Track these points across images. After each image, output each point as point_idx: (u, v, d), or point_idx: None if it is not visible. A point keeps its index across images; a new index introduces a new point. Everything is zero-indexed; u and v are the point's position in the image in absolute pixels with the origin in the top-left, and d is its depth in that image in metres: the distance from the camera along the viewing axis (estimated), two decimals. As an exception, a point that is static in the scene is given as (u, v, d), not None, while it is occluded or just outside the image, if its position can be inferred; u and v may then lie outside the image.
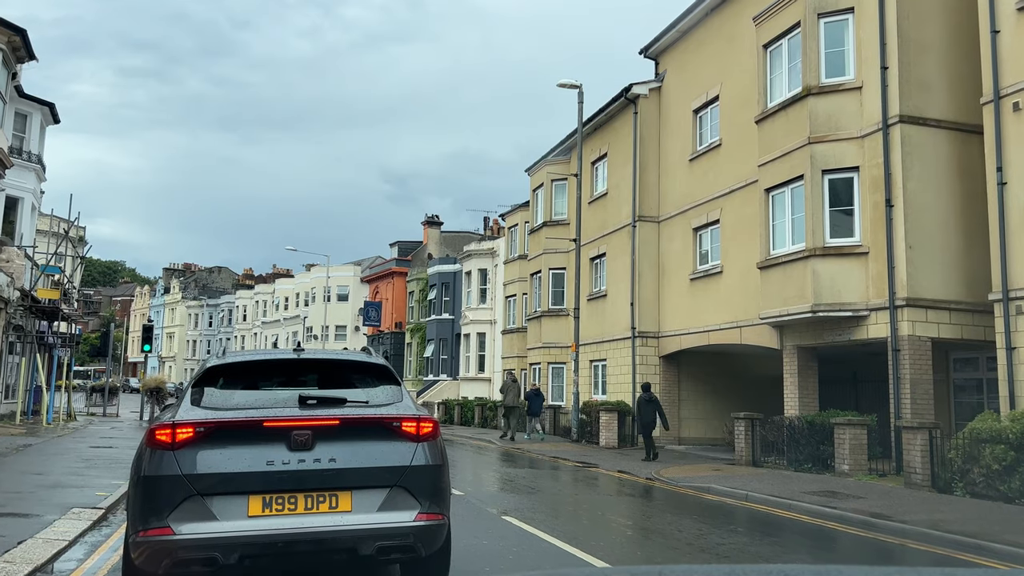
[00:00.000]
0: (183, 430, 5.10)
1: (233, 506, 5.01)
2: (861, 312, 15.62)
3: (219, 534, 4.92)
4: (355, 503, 5.18)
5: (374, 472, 5.26)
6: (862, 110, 16.04)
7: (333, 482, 5.15)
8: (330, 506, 5.13)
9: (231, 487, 5.02)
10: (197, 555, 4.89)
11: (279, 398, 5.55)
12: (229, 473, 5.03)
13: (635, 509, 11.80)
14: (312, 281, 71.50)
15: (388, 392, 5.82)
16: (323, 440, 5.21)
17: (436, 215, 55.87)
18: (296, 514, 5.07)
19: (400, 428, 5.47)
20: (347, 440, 5.29)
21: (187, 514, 4.93)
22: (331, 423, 5.28)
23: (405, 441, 5.44)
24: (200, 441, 5.10)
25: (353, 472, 5.20)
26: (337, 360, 6.23)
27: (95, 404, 40.82)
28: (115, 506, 10.23)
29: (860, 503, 11.34)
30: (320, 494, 5.13)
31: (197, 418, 5.19)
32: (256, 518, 5.02)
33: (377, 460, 5.29)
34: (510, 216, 37.13)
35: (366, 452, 5.29)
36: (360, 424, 5.41)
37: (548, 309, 29.39)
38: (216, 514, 4.97)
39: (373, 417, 5.49)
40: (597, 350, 25.79)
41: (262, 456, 5.10)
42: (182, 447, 5.07)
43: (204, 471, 5.01)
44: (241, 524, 4.98)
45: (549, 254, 29.52)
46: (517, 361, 34.89)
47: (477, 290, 41.45)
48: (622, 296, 24.50)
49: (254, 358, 6.17)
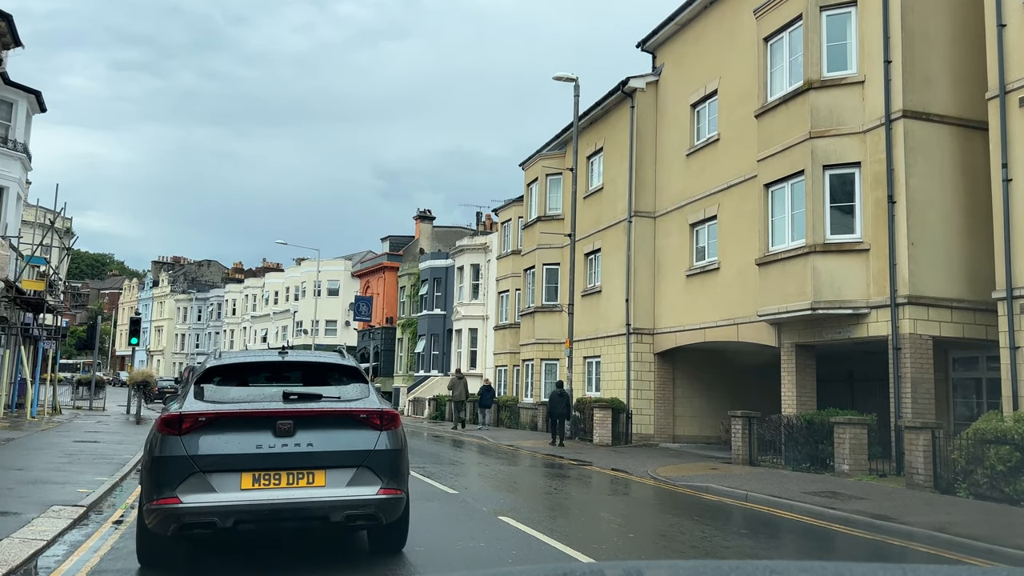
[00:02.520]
0: (188, 419, 6.15)
1: (229, 481, 6.03)
2: (861, 310, 15.40)
3: (217, 503, 5.96)
4: (328, 479, 6.23)
5: (344, 455, 6.32)
6: (864, 105, 15.79)
7: (310, 462, 6.20)
8: (308, 482, 6.19)
9: (227, 466, 6.06)
10: (199, 520, 5.93)
11: (266, 394, 6.59)
12: (225, 454, 6.08)
13: (634, 510, 11.52)
14: (302, 275, 70.95)
15: (357, 389, 6.86)
16: (302, 428, 6.26)
17: (428, 210, 55.50)
18: (280, 488, 6.12)
19: (366, 419, 6.52)
20: (322, 428, 6.35)
21: (191, 487, 5.94)
22: (309, 414, 6.36)
23: (370, 430, 6.49)
24: (202, 428, 6.15)
25: (327, 455, 6.26)
26: (315, 362, 7.33)
27: (81, 398, 40.30)
28: (98, 503, 9.88)
29: (863, 504, 11.10)
30: (300, 472, 6.19)
31: (199, 409, 6.24)
32: (247, 491, 6.06)
33: (346, 445, 6.36)
34: (503, 211, 36.80)
35: (338, 438, 6.35)
36: (333, 415, 6.47)
37: (542, 305, 29.09)
38: (215, 487, 6.00)
39: (344, 410, 6.54)
40: (591, 346, 25.51)
41: (252, 441, 6.14)
42: (187, 433, 6.11)
43: (205, 452, 6.05)
44: (235, 496, 6.02)
45: (543, 249, 29.21)
46: (509, 357, 34.61)
47: (469, 285, 41.11)
48: (617, 292, 24.23)
49: (246, 360, 7.23)
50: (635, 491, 13.33)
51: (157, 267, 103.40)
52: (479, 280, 40.83)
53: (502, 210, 37.04)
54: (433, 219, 55.36)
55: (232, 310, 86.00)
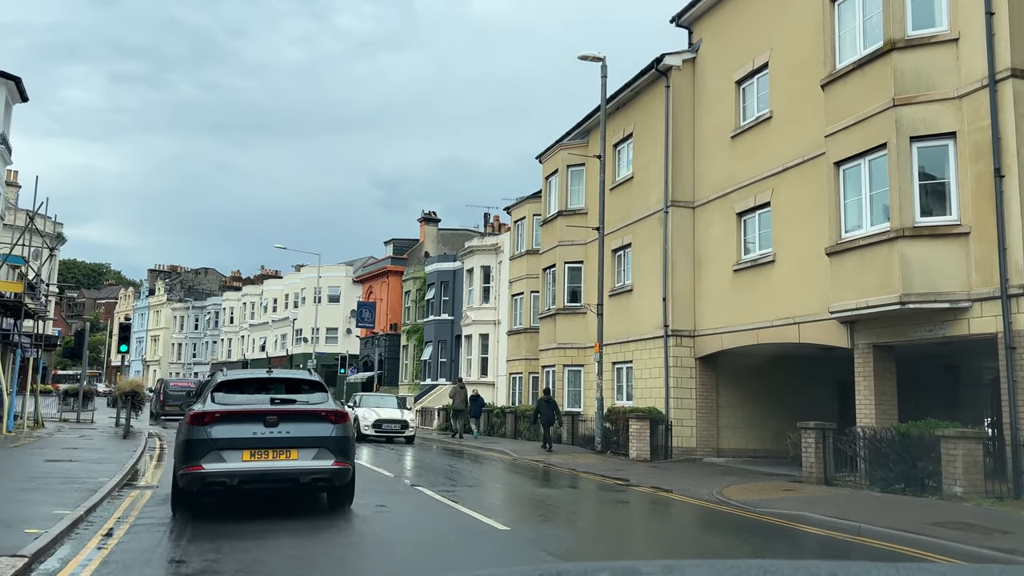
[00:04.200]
0: (208, 415, 9.34)
1: (234, 455, 9.16)
2: (961, 303, 13.16)
3: (227, 469, 9.11)
4: (300, 455, 9.36)
5: (310, 439, 9.43)
6: (959, 65, 13.60)
7: (288, 444, 9.33)
8: (286, 456, 9.31)
9: (233, 445, 9.17)
10: (216, 480, 9.13)
11: (259, 399, 9.87)
12: (232, 438, 9.21)
13: (724, 547, 9.20)
14: (302, 282, 68.59)
15: (320, 396, 10.14)
16: (283, 421, 9.38)
17: (433, 211, 53.27)
18: (268, 460, 9.26)
19: (325, 416, 9.68)
20: (296, 421, 9.48)
21: (210, 459, 9.08)
22: (287, 412, 9.51)
23: (328, 423, 9.62)
24: (217, 420, 9.29)
25: (299, 439, 9.38)
26: (291, 377, 10.70)
27: (70, 409, 37.94)
28: (48, 550, 7.57)
29: (1014, 540, 8.85)
30: (281, 450, 9.30)
31: (215, 409, 9.46)
32: (247, 462, 9.18)
33: (312, 432, 9.48)
34: (517, 209, 34.56)
35: (306, 428, 9.48)
36: (303, 413, 9.65)
37: (563, 306, 26.80)
38: (225, 459, 9.12)
39: (310, 410, 9.73)
40: (621, 351, 23.25)
41: (250, 429, 9.28)
42: (207, 424, 9.26)
43: (219, 436, 9.18)
44: (239, 464, 9.16)
45: (564, 247, 26.94)
46: (525, 363, 32.34)
47: (480, 289, 38.84)
48: (650, 290, 21.98)
49: (244, 376, 10.89)
50: (709, 520, 11.04)
51: (153, 275, 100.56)
52: (490, 283, 38.56)
53: (515, 207, 34.81)
54: (438, 221, 53.15)
55: (230, 318, 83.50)
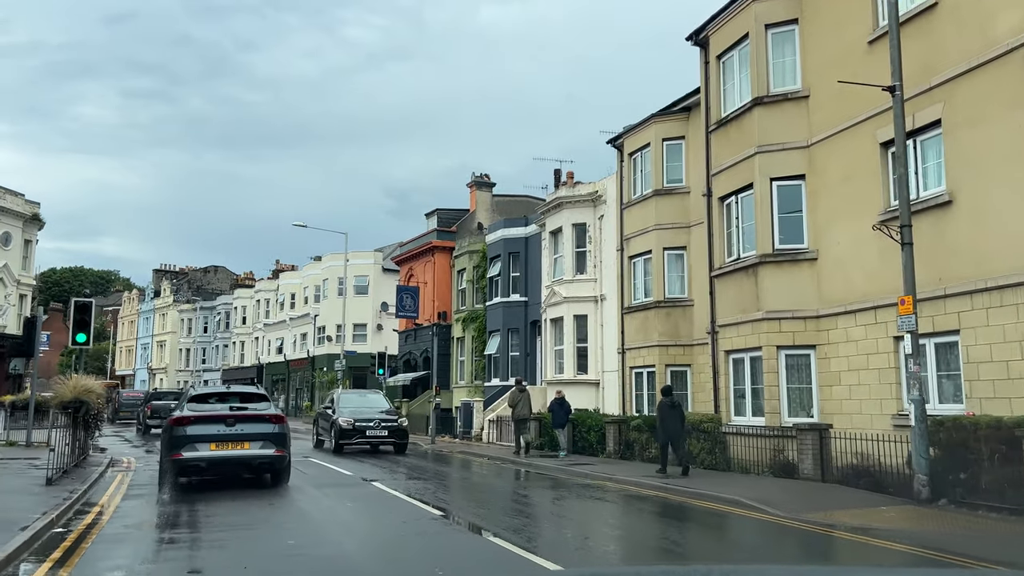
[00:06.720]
0: (186, 419, 14.10)
1: (204, 446, 13.83)
2: None
3: (200, 456, 13.82)
4: (251, 446, 14.09)
5: (258, 435, 14.20)
6: None
7: (242, 438, 14.07)
8: (242, 447, 14.04)
9: (203, 439, 13.89)
10: (192, 464, 13.94)
11: (221, 407, 14.72)
12: (203, 434, 13.91)
13: None
14: (323, 272, 58.60)
15: (265, 404, 15.21)
16: (239, 422, 14.14)
17: (486, 175, 43.07)
18: (228, 450, 13.96)
19: (269, 418, 14.55)
20: (248, 423, 14.24)
21: (187, 449, 13.76)
22: (242, 416, 14.30)
23: (270, 423, 14.46)
24: (192, 422, 14.01)
25: (250, 434, 14.14)
26: (244, 391, 15.74)
27: (18, 427, 27.91)
28: None
29: None
30: (237, 443, 14.04)
31: (190, 413, 14.27)
32: (214, 451, 13.86)
33: (260, 430, 14.25)
34: (635, 135, 24.30)
35: (256, 427, 14.23)
36: (253, 416, 14.42)
37: (772, 251, 16.45)
38: (198, 449, 13.81)
39: (258, 414, 14.55)
40: (932, 311, 12.97)
41: (215, 428, 14.00)
42: (185, 424, 14.02)
43: (192, 433, 13.90)
44: (208, 453, 13.84)
45: (768, 152, 16.59)
46: (657, 352, 22.16)
47: (571, 255, 28.49)
48: (1000, 199, 11.77)
49: (209, 391, 16.21)
50: None
51: (159, 276, 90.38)
52: (586, 246, 28.24)
53: (631, 135, 24.52)
54: (493, 185, 42.92)
55: (242, 319, 73.69)
